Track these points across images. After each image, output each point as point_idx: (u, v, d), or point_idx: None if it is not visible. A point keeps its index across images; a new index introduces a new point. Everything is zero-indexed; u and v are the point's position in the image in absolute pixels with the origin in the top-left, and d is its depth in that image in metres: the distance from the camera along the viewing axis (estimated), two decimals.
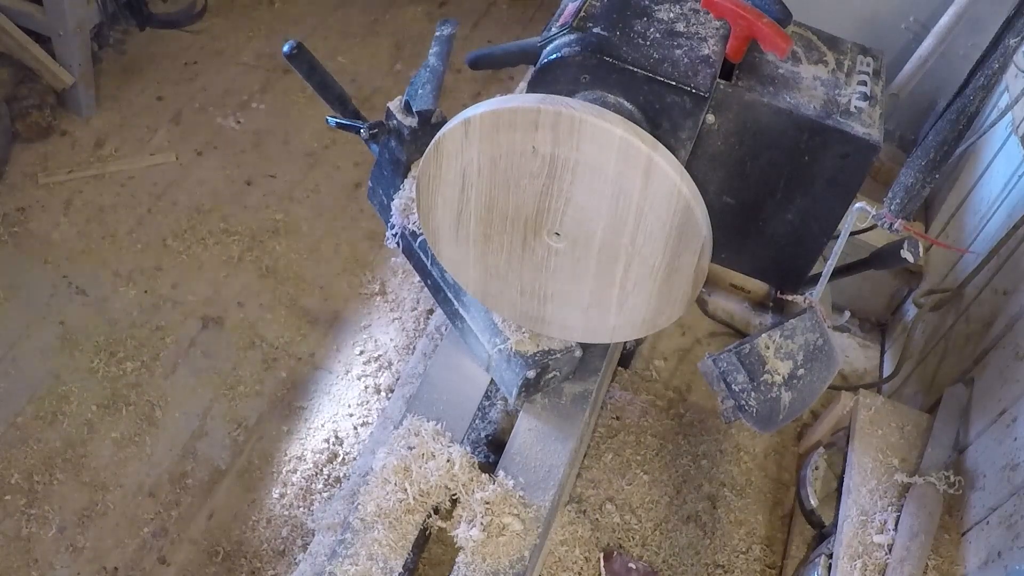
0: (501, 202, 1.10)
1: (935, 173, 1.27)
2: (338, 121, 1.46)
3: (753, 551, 1.62)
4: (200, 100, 2.59)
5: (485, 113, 1.01)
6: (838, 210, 1.12)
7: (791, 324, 1.16)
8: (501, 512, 1.25)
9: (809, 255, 1.19)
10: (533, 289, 1.22)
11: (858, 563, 1.36)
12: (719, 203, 1.15)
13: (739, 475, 1.72)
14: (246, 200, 2.31)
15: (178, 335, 2.00)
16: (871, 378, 1.96)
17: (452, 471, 1.28)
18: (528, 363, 1.31)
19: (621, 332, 1.23)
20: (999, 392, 1.45)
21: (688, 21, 1.11)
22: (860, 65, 1.14)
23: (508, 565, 1.22)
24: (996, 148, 1.75)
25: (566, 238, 1.12)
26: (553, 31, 1.08)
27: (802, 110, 1.04)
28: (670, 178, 1.00)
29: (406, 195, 1.44)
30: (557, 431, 1.38)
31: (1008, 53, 1.23)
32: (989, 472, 1.39)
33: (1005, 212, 1.62)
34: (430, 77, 1.45)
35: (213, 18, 2.76)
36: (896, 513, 1.41)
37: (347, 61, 2.85)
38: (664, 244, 1.06)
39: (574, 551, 1.54)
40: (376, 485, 1.27)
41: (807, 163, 1.07)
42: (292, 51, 1.38)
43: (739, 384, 1.13)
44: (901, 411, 1.58)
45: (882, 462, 1.49)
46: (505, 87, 2.80)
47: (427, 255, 1.42)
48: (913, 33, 2.11)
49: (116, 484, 1.76)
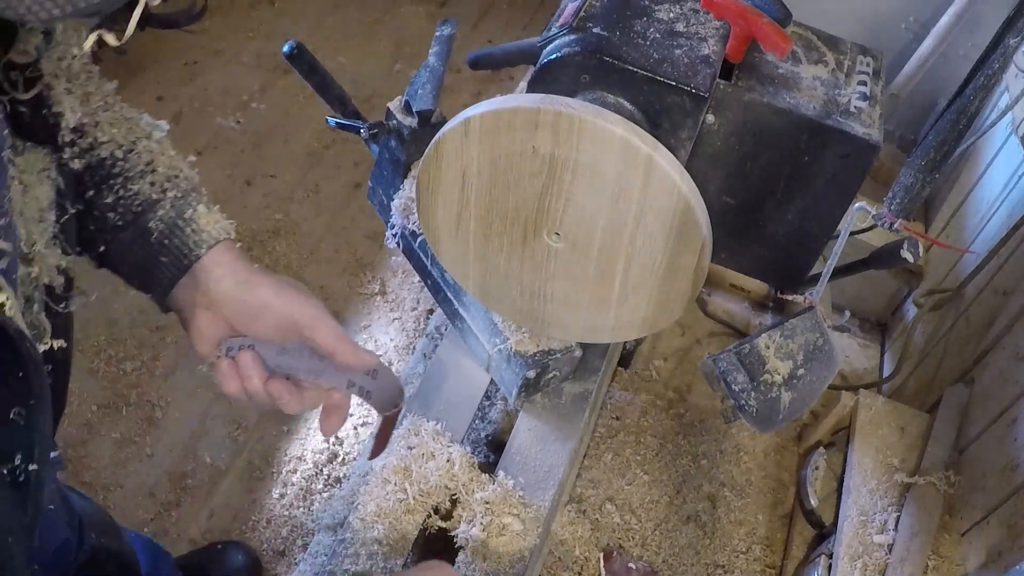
0: (501, 202, 1.10)
1: (935, 173, 1.27)
2: (338, 121, 1.46)
3: (753, 551, 1.62)
4: (200, 100, 2.59)
5: (485, 113, 1.01)
6: (838, 210, 1.12)
7: (791, 324, 1.16)
8: (501, 512, 1.25)
9: (809, 255, 1.19)
10: (533, 289, 1.22)
11: (858, 563, 1.36)
12: (719, 203, 1.15)
13: (739, 475, 1.72)
14: (246, 200, 2.31)
15: (178, 335, 2.00)
16: (871, 378, 1.96)
17: (452, 471, 1.28)
18: (528, 363, 1.31)
19: (621, 332, 1.23)
20: (999, 392, 1.45)
21: (688, 21, 1.11)
22: (860, 65, 1.14)
23: (508, 565, 1.22)
24: (996, 148, 1.75)
25: (566, 238, 1.12)
26: (553, 31, 1.08)
27: (802, 110, 1.04)
28: (670, 178, 1.00)
29: (406, 195, 1.44)
30: (557, 431, 1.38)
31: (1008, 53, 1.23)
32: (989, 472, 1.39)
33: (1005, 212, 1.62)
34: (430, 77, 1.45)
35: (213, 18, 2.76)
36: (896, 513, 1.41)
37: (347, 61, 2.85)
38: (664, 244, 1.06)
39: (574, 551, 1.54)
40: (376, 485, 1.27)
41: (807, 163, 1.07)
42: (292, 51, 1.38)
43: (739, 384, 1.13)
44: (901, 411, 1.58)
45: (882, 462, 1.49)
46: (505, 87, 2.80)
47: (427, 255, 1.42)
48: (913, 33, 2.11)
49: (116, 484, 1.75)
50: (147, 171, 0.86)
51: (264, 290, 0.83)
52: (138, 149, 0.85)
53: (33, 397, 0.61)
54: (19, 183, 0.71)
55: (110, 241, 0.84)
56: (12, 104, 0.71)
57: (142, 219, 0.84)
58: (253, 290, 0.83)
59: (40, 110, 0.74)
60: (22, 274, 0.71)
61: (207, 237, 0.85)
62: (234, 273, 0.84)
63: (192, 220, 0.85)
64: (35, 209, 0.73)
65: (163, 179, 0.86)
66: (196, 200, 0.87)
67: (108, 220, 0.84)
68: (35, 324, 0.70)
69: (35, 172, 0.74)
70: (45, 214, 0.75)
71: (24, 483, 0.65)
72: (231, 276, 0.84)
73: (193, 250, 0.85)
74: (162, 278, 0.86)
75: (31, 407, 0.62)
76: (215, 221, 0.87)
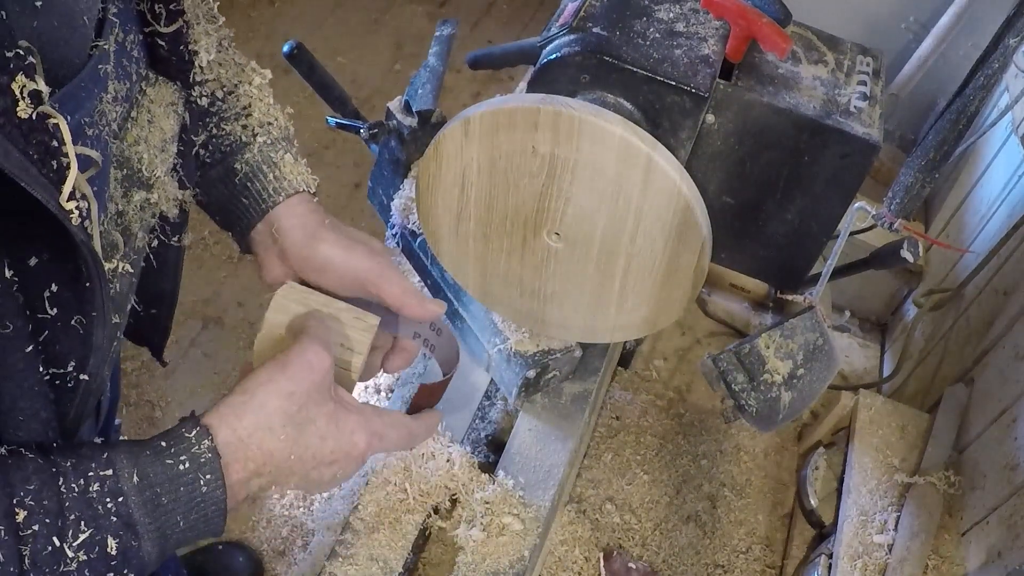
0: (501, 202, 1.10)
1: (935, 173, 1.27)
2: (338, 121, 1.46)
3: (753, 551, 1.62)
4: None
5: (485, 113, 1.01)
6: (838, 210, 1.12)
7: (791, 324, 1.16)
8: (501, 512, 1.25)
9: (809, 255, 1.19)
10: (533, 289, 1.22)
11: (858, 563, 1.36)
12: (719, 203, 1.15)
13: (739, 475, 1.72)
14: None
15: (178, 335, 2.00)
16: (871, 378, 1.96)
17: (452, 471, 1.28)
18: (528, 363, 1.31)
19: (621, 332, 1.23)
20: (999, 392, 1.45)
21: (688, 21, 1.11)
22: (860, 65, 1.14)
23: (508, 565, 1.22)
24: (996, 148, 1.75)
25: (566, 238, 1.12)
26: (553, 31, 1.08)
27: (802, 110, 1.04)
28: (670, 178, 1.00)
29: (406, 195, 1.44)
30: (557, 431, 1.38)
31: (1008, 53, 1.23)
32: (989, 472, 1.39)
33: (1005, 212, 1.62)
34: (430, 77, 1.45)
35: None
36: (896, 513, 1.41)
37: (347, 61, 2.85)
38: (664, 244, 1.06)
39: (574, 551, 1.54)
40: (376, 485, 1.27)
41: (807, 163, 1.07)
42: (292, 51, 1.38)
43: (739, 384, 1.13)
44: (901, 411, 1.58)
45: (882, 462, 1.49)
46: (505, 87, 2.80)
47: (427, 255, 1.42)
48: (913, 33, 2.11)
49: None
50: (242, 114, 0.88)
51: (329, 247, 0.85)
52: (238, 92, 0.88)
53: (95, 309, 0.63)
54: (147, 112, 0.74)
55: (199, 177, 0.87)
56: (152, 36, 0.74)
57: (229, 159, 0.87)
58: (318, 246, 0.85)
59: (177, 46, 0.76)
60: (140, 199, 0.74)
61: (287, 186, 0.88)
62: (303, 226, 0.86)
63: (276, 167, 0.88)
64: (159, 139, 0.75)
65: (256, 124, 0.89)
66: (285, 149, 0.90)
67: (199, 156, 0.86)
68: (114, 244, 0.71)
69: (163, 104, 0.76)
70: (168, 145, 0.77)
71: (71, 390, 0.68)
72: (300, 229, 0.86)
73: (272, 196, 0.87)
74: (241, 219, 0.88)
75: (92, 318, 0.64)
76: (299, 172, 0.90)
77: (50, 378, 0.66)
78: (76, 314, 0.63)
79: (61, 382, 0.66)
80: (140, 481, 0.64)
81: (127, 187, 0.73)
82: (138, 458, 0.65)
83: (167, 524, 0.65)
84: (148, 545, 0.64)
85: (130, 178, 0.73)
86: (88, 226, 0.60)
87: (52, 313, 0.61)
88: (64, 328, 0.63)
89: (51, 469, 0.62)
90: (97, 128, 0.63)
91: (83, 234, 0.58)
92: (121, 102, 0.68)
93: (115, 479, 0.63)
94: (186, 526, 0.67)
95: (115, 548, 0.62)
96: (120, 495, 0.63)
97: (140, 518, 0.64)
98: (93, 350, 0.66)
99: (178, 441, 0.67)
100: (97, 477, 0.63)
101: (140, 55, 0.72)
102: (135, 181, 0.73)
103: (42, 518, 0.59)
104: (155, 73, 0.76)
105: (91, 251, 0.59)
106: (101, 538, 0.62)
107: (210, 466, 0.67)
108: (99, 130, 0.64)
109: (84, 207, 0.58)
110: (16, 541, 0.58)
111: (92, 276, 0.61)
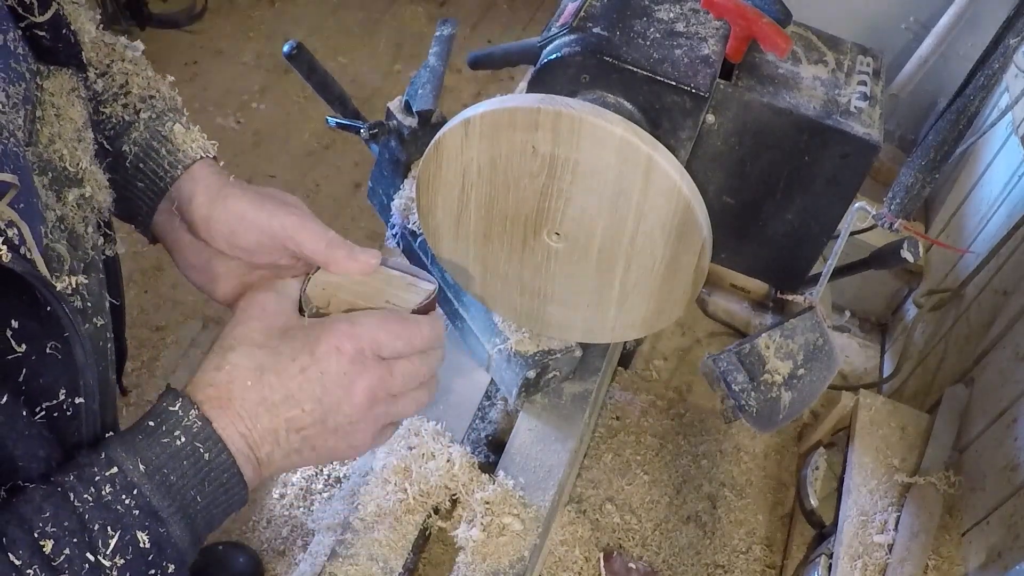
0: (501, 202, 1.10)
1: (935, 173, 1.27)
2: (338, 121, 1.46)
3: (753, 551, 1.62)
4: (200, 100, 2.59)
5: (485, 113, 1.01)
6: (838, 210, 1.12)
7: (791, 324, 1.16)
8: (501, 512, 1.25)
9: (809, 255, 1.19)
10: (533, 289, 1.22)
11: (858, 563, 1.36)
12: (719, 203, 1.15)
13: (739, 475, 1.72)
14: None
15: (178, 335, 2.00)
16: (871, 378, 1.96)
17: (452, 471, 1.28)
18: (528, 363, 1.31)
19: (621, 332, 1.23)
20: (999, 392, 1.45)
21: (688, 21, 1.11)
22: (860, 65, 1.14)
23: (508, 565, 1.22)
24: (996, 148, 1.75)
25: (566, 238, 1.12)
26: (553, 31, 1.08)
27: (802, 110, 1.04)
28: (670, 178, 1.00)
29: (406, 195, 1.44)
30: (557, 431, 1.38)
31: (1008, 53, 1.23)
32: (989, 472, 1.39)
33: (1005, 212, 1.62)
34: (430, 77, 1.45)
35: (213, 18, 2.76)
36: (896, 513, 1.41)
37: (347, 61, 2.85)
38: (664, 244, 1.06)
39: (574, 551, 1.54)
40: (376, 485, 1.27)
41: (807, 163, 1.07)
42: (292, 51, 1.38)
43: (739, 384, 1.13)
44: (901, 411, 1.58)
45: (882, 462, 1.49)
46: (505, 87, 2.80)
47: (427, 255, 1.42)
48: (913, 33, 2.11)
49: None
50: (120, 93, 0.82)
51: (236, 202, 0.79)
52: (112, 71, 0.82)
53: (65, 329, 0.60)
54: (51, 107, 0.70)
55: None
56: (30, 29, 0.69)
57: (116, 143, 0.80)
58: (225, 202, 0.79)
59: (60, 30, 0.71)
60: (75, 197, 0.70)
61: (183, 157, 0.81)
62: (206, 189, 0.80)
63: (167, 140, 0.81)
64: (72, 130, 0.71)
65: (137, 100, 0.82)
66: (173, 120, 0.82)
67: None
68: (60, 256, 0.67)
69: (64, 94, 0.72)
70: (83, 132, 0.72)
71: (72, 417, 0.65)
72: (203, 192, 0.80)
73: (169, 171, 0.80)
74: (141, 205, 0.82)
75: (65, 339, 0.61)
76: (192, 140, 0.83)
77: (45, 413, 0.63)
78: (49, 340, 0.60)
79: (59, 413, 0.64)
80: (146, 468, 0.63)
81: (58, 189, 0.68)
82: (135, 446, 0.64)
83: (185, 502, 0.65)
84: (176, 529, 0.64)
85: (58, 179, 0.68)
86: (26, 251, 0.56)
87: (22, 349, 0.58)
88: (41, 359, 0.60)
89: (57, 489, 0.60)
90: (2, 144, 0.59)
91: (23, 263, 0.55)
92: (21, 106, 0.64)
93: (123, 474, 0.62)
94: (206, 501, 0.66)
95: (147, 541, 0.62)
96: (134, 488, 0.62)
97: (159, 503, 0.63)
98: (80, 370, 0.63)
99: (167, 417, 0.66)
100: (105, 479, 0.62)
101: (26, 51, 0.68)
102: (64, 180, 0.69)
103: (69, 540, 0.58)
104: (45, 65, 0.71)
105: (37, 276, 0.56)
106: (131, 536, 0.61)
107: (204, 433, 0.66)
108: (4, 145, 0.59)
109: (15, 233, 0.55)
110: (53, 573, 0.57)
111: (49, 299, 0.58)
